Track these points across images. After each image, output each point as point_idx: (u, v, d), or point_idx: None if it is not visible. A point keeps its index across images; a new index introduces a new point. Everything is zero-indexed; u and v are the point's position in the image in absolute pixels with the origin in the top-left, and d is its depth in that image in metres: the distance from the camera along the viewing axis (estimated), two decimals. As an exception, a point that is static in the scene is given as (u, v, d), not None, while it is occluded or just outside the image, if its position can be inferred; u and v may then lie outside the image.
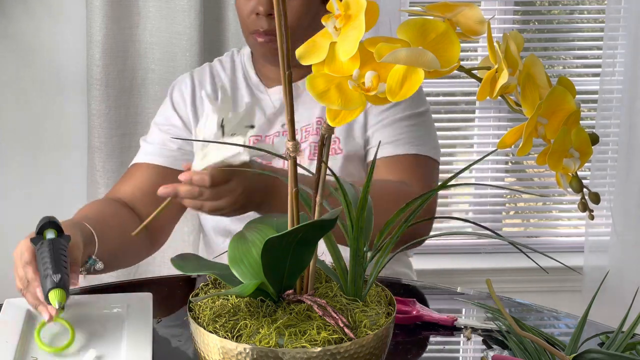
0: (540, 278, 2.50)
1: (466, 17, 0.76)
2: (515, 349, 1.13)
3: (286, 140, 0.86)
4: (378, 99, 0.73)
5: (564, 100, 0.75)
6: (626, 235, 2.56)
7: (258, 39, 1.54)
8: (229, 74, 1.69)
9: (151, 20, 2.22)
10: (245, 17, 1.55)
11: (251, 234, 0.97)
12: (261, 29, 1.53)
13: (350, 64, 0.74)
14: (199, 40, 2.21)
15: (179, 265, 1.02)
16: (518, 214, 2.89)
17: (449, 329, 1.26)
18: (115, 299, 1.31)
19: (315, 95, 0.74)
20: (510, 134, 0.75)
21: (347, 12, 0.74)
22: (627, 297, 1.26)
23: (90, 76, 2.22)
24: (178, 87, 1.70)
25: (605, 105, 2.57)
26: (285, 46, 0.80)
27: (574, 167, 0.76)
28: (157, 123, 1.69)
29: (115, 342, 1.17)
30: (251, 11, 1.54)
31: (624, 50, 2.53)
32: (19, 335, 1.17)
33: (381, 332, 0.89)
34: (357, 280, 0.94)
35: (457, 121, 2.73)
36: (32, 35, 2.29)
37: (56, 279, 1.14)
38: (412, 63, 0.70)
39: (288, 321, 0.88)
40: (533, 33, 2.71)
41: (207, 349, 0.89)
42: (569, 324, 1.35)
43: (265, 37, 1.53)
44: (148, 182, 1.60)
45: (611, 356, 1.03)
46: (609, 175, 2.62)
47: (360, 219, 0.91)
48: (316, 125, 1.60)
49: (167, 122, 1.67)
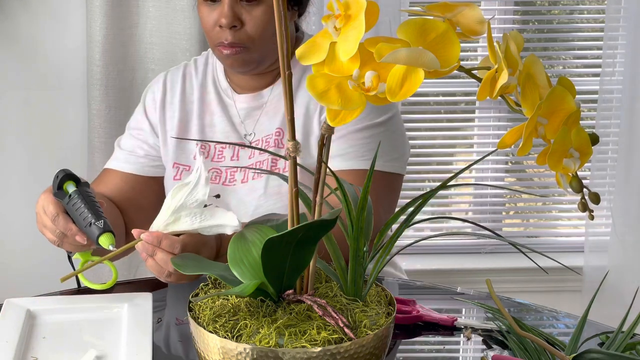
0: (540, 278, 2.50)
1: (466, 17, 0.76)
2: (515, 349, 1.13)
3: (287, 140, 0.86)
4: (378, 99, 0.73)
5: (564, 100, 0.75)
6: (626, 235, 2.56)
7: (223, 51, 1.52)
8: (200, 77, 1.67)
9: (151, 20, 2.22)
10: (209, 29, 1.54)
11: (251, 234, 0.98)
12: (225, 42, 1.51)
13: (350, 64, 0.74)
14: (199, 40, 2.21)
15: (179, 265, 1.02)
16: (518, 214, 2.89)
17: (449, 329, 1.26)
18: (115, 299, 1.31)
19: (315, 95, 0.74)
20: (510, 134, 0.75)
21: (347, 12, 0.74)
22: (627, 297, 1.26)
23: (90, 76, 2.22)
24: (151, 90, 1.70)
25: (605, 105, 2.57)
26: (286, 46, 0.80)
27: (574, 167, 0.76)
28: (129, 127, 1.70)
29: (115, 342, 1.17)
30: (214, 24, 1.53)
31: (624, 50, 2.53)
32: (19, 335, 1.17)
33: (381, 332, 0.89)
34: (357, 280, 0.94)
35: (457, 121, 2.73)
36: (32, 35, 2.29)
37: (100, 224, 1.21)
38: (412, 63, 0.70)
39: (288, 321, 0.88)
40: (533, 33, 2.71)
41: (207, 349, 0.89)
42: (568, 324, 1.35)
43: (230, 50, 1.51)
44: (118, 189, 1.62)
45: (611, 356, 1.03)
46: (609, 175, 2.62)
47: (360, 219, 0.91)
48: (274, 137, 1.58)
49: (137, 126, 1.68)
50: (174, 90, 1.67)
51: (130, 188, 1.63)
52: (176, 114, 1.65)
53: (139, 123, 1.68)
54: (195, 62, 1.72)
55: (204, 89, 1.67)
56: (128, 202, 1.61)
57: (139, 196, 1.63)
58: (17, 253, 2.36)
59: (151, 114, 1.67)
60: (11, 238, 2.37)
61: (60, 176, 1.28)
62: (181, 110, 1.65)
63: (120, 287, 1.43)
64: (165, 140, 1.64)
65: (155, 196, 1.65)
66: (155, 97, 1.68)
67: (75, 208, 1.23)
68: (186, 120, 1.64)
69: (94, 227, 1.19)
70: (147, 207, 1.64)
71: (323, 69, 0.75)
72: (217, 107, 1.64)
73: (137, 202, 1.63)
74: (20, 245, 2.35)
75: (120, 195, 1.60)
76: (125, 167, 1.64)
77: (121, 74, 2.24)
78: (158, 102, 1.67)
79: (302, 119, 1.57)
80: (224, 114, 1.63)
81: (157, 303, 1.30)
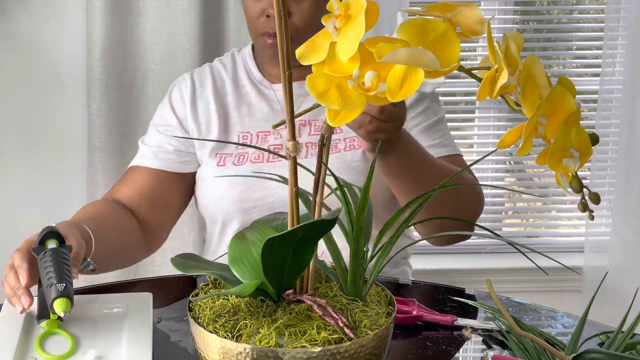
0: (540, 278, 2.48)
1: (466, 17, 0.76)
2: (515, 349, 1.13)
3: (286, 140, 0.86)
4: (378, 99, 0.73)
5: (564, 100, 0.75)
6: (626, 235, 2.56)
7: (268, 40, 1.54)
8: (230, 72, 1.69)
9: (151, 20, 2.22)
10: (255, 19, 1.55)
11: (251, 233, 0.98)
12: (272, 31, 1.53)
13: (350, 64, 0.74)
14: (199, 40, 2.21)
15: (179, 265, 1.02)
16: (518, 214, 2.89)
17: (449, 329, 1.26)
18: (115, 299, 1.31)
19: (315, 95, 0.74)
20: (510, 134, 0.75)
21: (347, 12, 0.74)
22: (627, 297, 1.26)
23: (90, 76, 2.22)
24: (178, 87, 1.70)
25: (605, 105, 2.57)
26: (286, 46, 0.80)
27: (573, 167, 0.76)
28: (154, 124, 1.70)
29: (115, 342, 1.17)
30: (260, 13, 1.54)
31: (624, 50, 2.52)
32: (19, 335, 1.17)
33: (381, 332, 0.89)
34: (357, 280, 0.94)
35: (457, 121, 2.73)
36: (32, 35, 2.29)
37: (61, 287, 1.12)
38: (411, 63, 0.70)
39: (288, 321, 0.88)
40: (533, 33, 2.71)
41: (207, 349, 0.89)
42: (568, 323, 1.35)
43: (275, 39, 1.53)
44: (146, 186, 1.61)
45: (611, 356, 1.03)
46: (609, 175, 2.62)
47: (360, 219, 0.91)
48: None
49: (163, 123, 1.68)
50: (204, 84, 1.67)
51: (158, 185, 1.62)
52: (211, 107, 1.65)
53: (166, 119, 1.68)
54: (221, 61, 1.72)
55: (236, 82, 1.67)
56: (156, 198, 1.60)
57: (166, 193, 1.63)
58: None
59: (179, 110, 1.67)
60: (11, 238, 2.36)
61: (45, 232, 1.24)
62: (217, 103, 1.65)
63: (120, 287, 1.44)
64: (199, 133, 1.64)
65: (180, 194, 1.65)
66: (183, 93, 1.67)
67: (45, 266, 1.17)
68: (223, 112, 1.64)
69: (54, 288, 1.11)
70: (173, 205, 1.64)
71: (323, 69, 0.75)
72: (255, 98, 1.65)
73: (164, 199, 1.62)
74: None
75: (149, 192, 1.60)
76: (155, 163, 1.63)
77: (121, 74, 2.24)
78: (187, 97, 1.66)
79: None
80: (264, 103, 1.64)
81: (157, 303, 1.30)
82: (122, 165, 2.27)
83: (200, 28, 2.20)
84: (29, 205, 2.38)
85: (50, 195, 2.38)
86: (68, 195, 2.38)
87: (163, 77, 2.24)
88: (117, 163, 2.26)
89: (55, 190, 2.38)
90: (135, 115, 2.27)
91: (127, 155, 2.29)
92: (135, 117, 2.27)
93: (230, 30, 2.27)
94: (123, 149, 2.27)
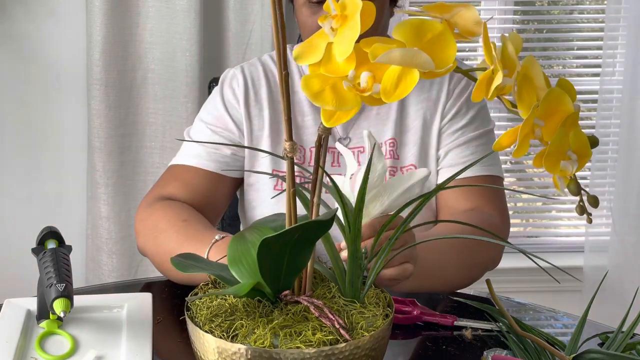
0: (540, 278, 2.48)
1: (463, 18, 0.76)
2: (515, 349, 1.13)
3: (284, 141, 0.86)
4: (373, 100, 0.73)
5: (561, 102, 0.75)
6: (626, 235, 2.56)
7: None
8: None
9: (151, 20, 2.22)
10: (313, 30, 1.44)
11: (251, 234, 0.97)
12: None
13: (346, 65, 0.73)
14: (199, 40, 2.21)
15: (178, 264, 1.02)
16: (518, 214, 2.89)
17: (449, 329, 1.26)
18: (115, 299, 1.31)
19: (309, 95, 0.74)
20: (506, 136, 0.75)
21: (343, 13, 0.74)
22: (627, 297, 1.26)
23: (90, 76, 2.22)
24: (229, 83, 1.61)
25: (605, 105, 2.57)
26: (283, 46, 0.80)
27: (571, 169, 0.75)
28: (206, 122, 1.61)
29: (115, 342, 1.17)
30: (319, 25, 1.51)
31: (624, 50, 2.53)
32: (19, 335, 1.17)
33: (377, 333, 0.89)
34: (354, 281, 0.94)
35: (458, 121, 2.72)
36: (32, 36, 2.29)
37: (60, 288, 1.12)
38: (406, 64, 0.70)
39: (284, 322, 0.88)
40: (532, 33, 2.71)
41: (203, 349, 0.89)
42: (568, 323, 1.35)
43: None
44: (205, 188, 1.55)
45: (611, 356, 1.03)
46: (609, 175, 2.62)
47: (358, 221, 0.91)
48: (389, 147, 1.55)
49: (220, 124, 1.59)
50: (257, 86, 1.60)
51: (211, 186, 1.56)
52: (265, 113, 1.58)
53: (221, 120, 1.59)
54: (272, 57, 1.64)
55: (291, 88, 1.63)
56: (206, 200, 1.55)
57: (215, 195, 1.57)
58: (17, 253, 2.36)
59: (234, 111, 1.59)
60: (11, 238, 2.37)
61: (45, 232, 1.24)
62: (270, 109, 1.58)
63: (120, 287, 1.44)
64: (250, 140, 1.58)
65: (228, 196, 1.61)
66: (237, 93, 1.59)
67: (45, 266, 1.17)
68: (277, 120, 1.58)
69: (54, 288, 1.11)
70: (219, 207, 1.59)
71: (319, 69, 0.75)
72: (309, 108, 1.58)
73: (213, 201, 1.57)
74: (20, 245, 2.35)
75: (200, 193, 1.54)
76: (210, 165, 1.56)
77: (121, 74, 2.24)
78: (241, 99, 1.58)
79: (420, 132, 1.57)
80: (316, 115, 1.57)
81: (157, 303, 1.30)
82: (121, 166, 2.27)
83: (200, 28, 2.20)
84: (29, 205, 2.38)
85: (50, 195, 2.38)
86: (68, 196, 2.38)
87: (163, 77, 2.24)
88: (116, 163, 2.26)
89: (55, 190, 2.38)
90: (135, 115, 2.28)
91: (127, 155, 2.29)
92: (135, 117, 2.28)
93: (231, 30, 2.27)
94: (123, 149, 2.27)
